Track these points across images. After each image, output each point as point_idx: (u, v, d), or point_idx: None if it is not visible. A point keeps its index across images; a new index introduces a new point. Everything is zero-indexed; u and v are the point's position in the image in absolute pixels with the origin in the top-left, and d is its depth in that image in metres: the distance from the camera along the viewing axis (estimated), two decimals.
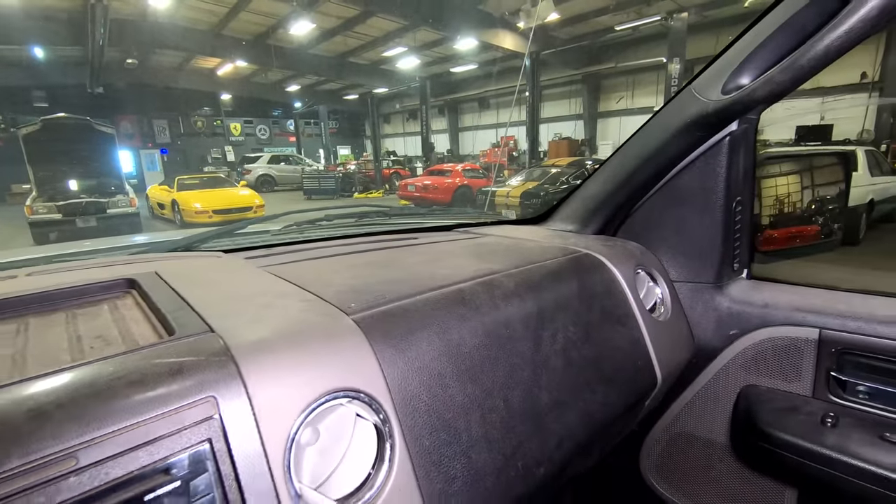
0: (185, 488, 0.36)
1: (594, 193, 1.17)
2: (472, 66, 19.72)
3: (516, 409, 0.64)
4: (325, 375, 0.48)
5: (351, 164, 21.61)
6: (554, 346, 0.73)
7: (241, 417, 0.40)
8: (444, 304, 0.65)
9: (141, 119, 22.86)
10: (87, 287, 0.65)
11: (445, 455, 0.54)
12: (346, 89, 25.07)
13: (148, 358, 0.42)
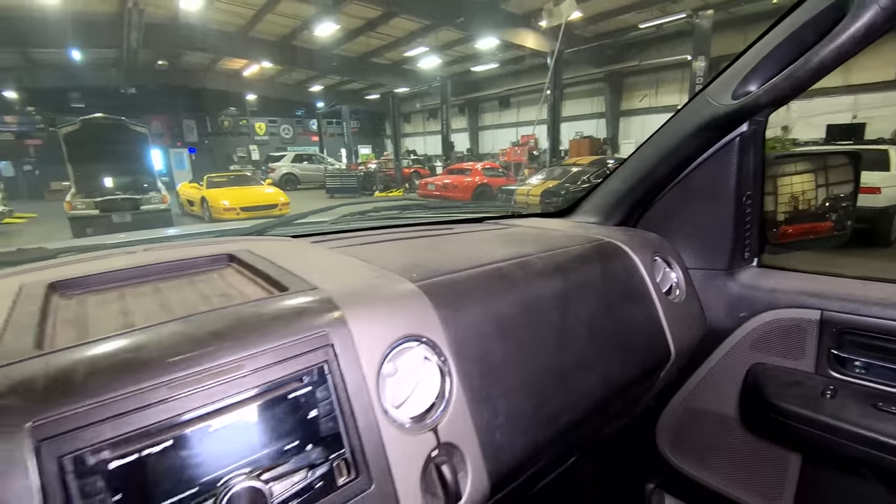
0: (313, 394, 0.50)
1: (615, 189, 1.28)
2: (493, 66, 19.79)
3: (545, 367, 0.76)
4: (400, 324, 0.61)
5: (372, 163, 21.92)
6: (578, 318, 0.84)
7: (346, 349, 0.54)
8: (485, 279, 0.78)
9: (171, 119, 23.64)
10: (195, 260, 0.80)
11: (490, 395, 0.67)
12: (368, 89, 25.44)
13: (276, 302, 0.56)
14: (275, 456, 0.46)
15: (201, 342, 0.47)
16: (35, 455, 0.36)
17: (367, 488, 0.50)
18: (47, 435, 0.37)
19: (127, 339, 0.46)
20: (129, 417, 0.40)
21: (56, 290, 0.65)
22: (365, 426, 0.52)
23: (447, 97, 18.23)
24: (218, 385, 0.45)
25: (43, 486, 0.36)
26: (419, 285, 0.69)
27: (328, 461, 0.49)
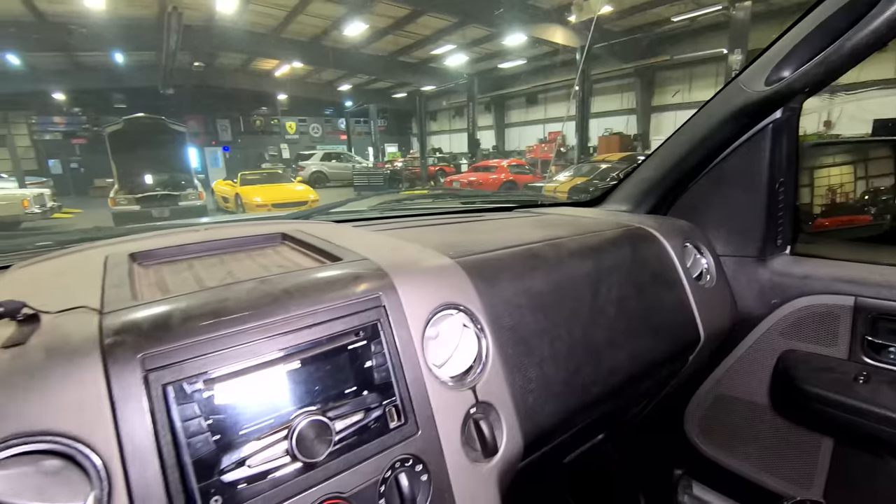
0: (368, 347, 0.56)
1: (646, 177, 1.30)
2: (520, 62, 19.65)
3: (577, 340, 0.80)
4: (441, 293, 0.66)
5: (398, 161, 22.13)
6: (608, 297, 0.88)
7: (396, 310, 0.60)
8: (518, 258, 0.82)
9: (206, 118, 24.47)
10: (252, 238, 0.87)
11: (524, 363, 0.72)
12: (395, 88, 25.66)
13: (334, 269, 0.62)
14: (337, 397, 0.52)
15: (275, 297, 0.54)
16: (144, 382, 0.43)
17: (415, 433, 0.56)
18: (153, 366, 0.44)
19: (212, 293, 0.53)
20: (218, 356, 0.47)
21: (136, 259, 0.73)
22: (412, 379, 0.58)
23: (474, 94, 18.23)
24: (289, 333, 0.51)
25: (151, 409, 0.43)
26: (457, 261, 0.74)
27: (381, 406, 0.54)
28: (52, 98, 20.65)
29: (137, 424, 0.42)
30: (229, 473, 0.44)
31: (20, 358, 0.42)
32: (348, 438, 0.51)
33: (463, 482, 0.58)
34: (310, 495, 0.48)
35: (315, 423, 0.48)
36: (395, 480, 0.53)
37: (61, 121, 20.90)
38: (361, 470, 0.51)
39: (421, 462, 0.55)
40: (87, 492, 0.40)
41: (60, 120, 20.90)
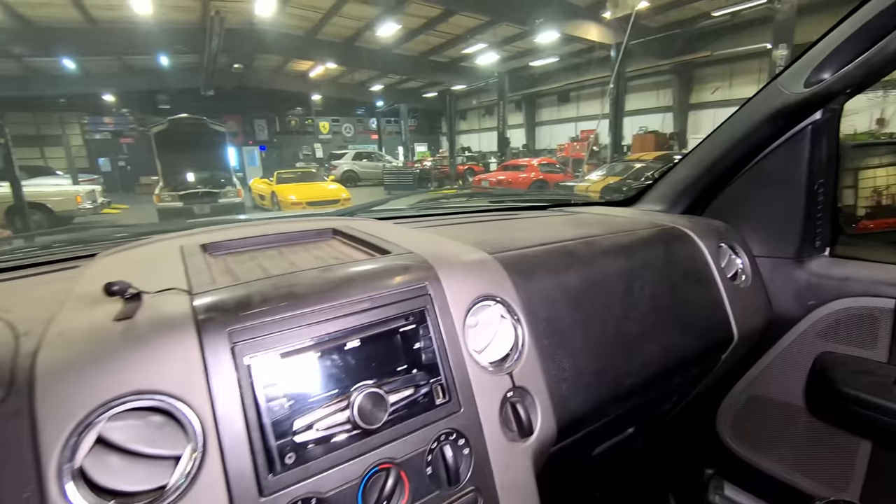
0: (417, 330, 0.62)
1: (682, 177, 1.31)
2: (552, 60, 19.43)
3: (610, 334, 0.84)
4: (480, 285, 0.72)
5: (427, 160, 22.29)
6: (641, 294, 0.91)
7: (440, 298, 0.65)
8: (553, 254, 0.87)
9: (244, 119, 25.32)
10: (305, 233, 0.95)
11: (558, 353, 0.76)
12: (426, 87, 25.85)
13: (385, 261, 0.68)
14: (390, 374, 0.58)
15: (336, 284, 0.60)
16: (231, 353, 0.50)
17: (457, 410, 0.61)
18: (238, 340, 0.51)
19: (282, 279, 0.60)
20: (290, 333, 0.54)
21: (206, 249, 0.82)
22: (455, 362, 0.63)
23: (504, 93, 18.14)
24: (349, 315, 0.57)
25: (238, 376, 0.50)
26: (495, 256, 0.79)
27: (429, 384, 0.60)
28: (102, 100, 21.83)
29: (226, 389, 0.49)
30: (300, 435, 0.51)
31: (130, 330, 0.50)
32: (400, 411, 0.57)
33: (500, 458, 0.63)
34: (366, 459, 0.54)
35: (372, 395, 0.54)
36: (440, 451, 0.58)
37: (110, 121, 22.04)
38: (411, 440, 0.57)
39: (463, 437, 0.61)
40: (185, 444, 0.47)
41: (110, 120, 22.04)
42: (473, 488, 0.60)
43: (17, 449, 0.42)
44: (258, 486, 0.48)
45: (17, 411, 0.43)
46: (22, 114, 20.66)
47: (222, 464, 0.47)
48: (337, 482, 0.52)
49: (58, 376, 0.45)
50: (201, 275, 0.64)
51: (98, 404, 0.45)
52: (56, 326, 0.51)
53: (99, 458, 0.45)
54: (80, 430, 0.44)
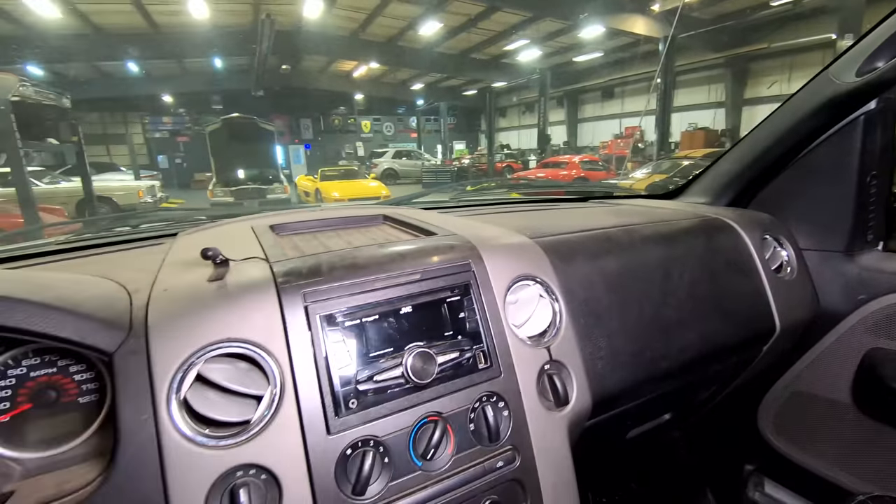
0: (462, 302, 0.68)
1: (726, 170, 1.30)
2: (596, 55, 18.99)
3: (647, 317, 0.87)
4: (520, 266, 0.77)
5: (465, 158, 22.32)
6: (680, 281, 0.93)
7: (483, 274, 0.71)
8: (593, 240, 0.90)
9: (290, 118, 26.26)
10: (358, 217, 1.03)
11: (594, 333, 0.80)
12: (466, 85, 25.88)
13: (433, 241, 0.75)
14: (438, 338, 0.65)
15: (391, 258, 0.67)
16: (305, 312, 0.58)
17: (498, 376, 0.67)
18: (311, 301, 0.59)
19: (345, 252, 0.68)
20: (353, 297, 0.61)
21: (274, 229, 0.91)
22: (496, 332, 0.69)
23: (546, 89, 17.89)
24: (403, 285, 0.64)
25: (310, 332, 0.58)
26: (535, 240, 0.84)
27: (472, 349, 0.66)
28: (162, 100, 23.24)
29: (301, 341, 0.57)
30: (361, 385, 0.58)
31: (222, 289, 0.59)
32: (446, 371, 0.63)
33: (538, 423, 0.68)
34: (417, 410, 0.61)
35: (423, 354, 0.61)
36: (482, 411, 0.64)
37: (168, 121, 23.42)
38: (456, 397, 0.63)
39: (503, 400, 0.66)
40: (266, 386, 0.56)
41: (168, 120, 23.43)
42: (512, 447, 0.66)
43: (137, 380, 0.51)
44: (326, 426, 0.55)
45: (135, 350, 0.53)
46: (92, 114, 22.33)
47: (297, 404, 0.55)
48: (391, 428, 0.59)
49: (166, 324, 0.54)
50: (275, 248, 0.72)
51: (198, 347, 0.54)
52: (160, 285, 0.61)
53: (199, 392, 0.53)
54: (184, 368, 0.53)
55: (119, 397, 0.50)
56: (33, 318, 0.47)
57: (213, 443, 0.52)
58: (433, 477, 0.60)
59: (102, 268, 0.74)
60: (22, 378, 0.58)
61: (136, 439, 0.50)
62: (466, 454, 0.63)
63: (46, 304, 0.49)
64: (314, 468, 0.54)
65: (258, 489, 0.52)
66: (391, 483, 0.58)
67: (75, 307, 0.51)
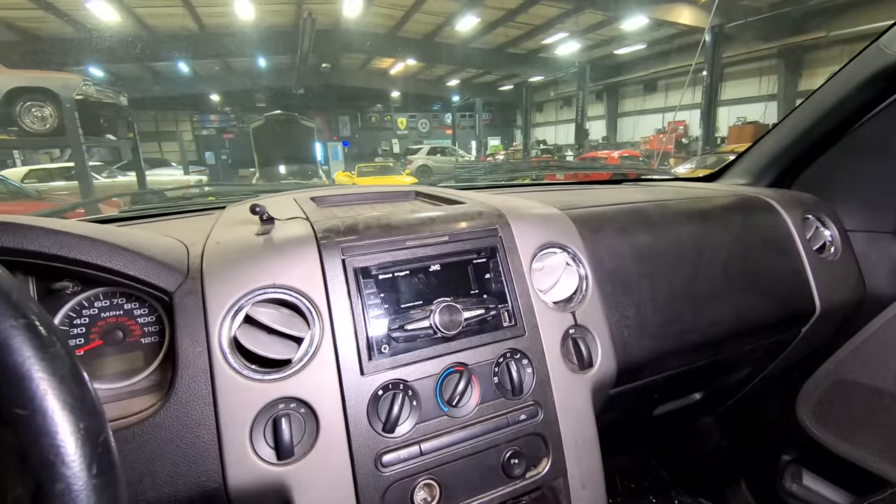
0: (488, 263, 0.71)
1: (768, 150, 1.26)
2: (639, 47, 18.39)
3: (676, 290, 0.87)
4: (548, 233, 0.79)
5: (500, 154, 22.18)
6: (714, 256, 0.92)
7: (509, 240, 0.74)
8: (623, 213, 0.91)
9: (329, 116, 26.90)
10: (392, 192, 1.07)
11: (621, 301, 0.81)
12: (502, 80, 25.68)
13: (462, 208, 0.78)
14: (465, 294, 0.68)
15: (423, 221, 0.71)
16: (342, 265, 0.63)
17: (522, 334, 0.69)
18: (348, 255, 0.63)
19: (380, 215, 0.73)
20: (387, 253, 0.65)
21: (314, 200, 0.97)
22: (521, 293, 0.71)
23: (585, 83, 17.53)
24: (433, 245, 0.68)
25: (346, 282, 0.62)
26: (564, 212, 0.85)
27: (497, 308, 0.69)
28: (209, 99, 24.32)
29: (338, 290, 0.62)
30: (393, 333, 0.62)
31: (269, 241, 0.64)
32: (472, 325, 0.66)
33: (561, 383, 0.70)
34: (444, 359, 0.64)
35: (450, 307, 0.64)
36: (506, 366, 0.67)
37: (215, 118, 24.47)
38: (481, 351, 0.66)
39: (526, 357, 0.69)
40: (307, 330, 0.60)
41: (215, 118, 24.49)
42: (534, 402, 0.68)
43: (194, 318, 0.57)
44: (360, 367, 0.60)
45: (192, 290, 0.58)
46: (146, 112, 23.65)
47: (334, 347, 0.60)
48: (420, 374, 0.62)
49: (218, 270, 0.60)
50: (315, 212, 0.78)
51: (247, 291, 0.59)
52: (213, 239, 0.67)
53: (248, 332, 0.59)
54: (235, 308, 0.58)
55: (178, 331, 0.56)
56: (108, 256, 0.54)
57: (259, 377, 0.57)
58: (458, 423, 0.63)
59: (160, 230, 0.81)
60: (94, 318, 0.65)
61: (192, 369, 0.56)
62: (490, 404, 0.66)
63: (120, 245, 0.56)
64: (348, 405, 0.58)
65: (298, 420, 0.57)
66: (419, 424, 0.61)
67: (143, 251, 0.58)
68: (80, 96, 6.44)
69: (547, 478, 0.68)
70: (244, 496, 0.56)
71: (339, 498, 0.58)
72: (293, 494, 0.57)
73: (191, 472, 0.54)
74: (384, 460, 0.59)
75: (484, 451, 0.64)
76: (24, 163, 11.52)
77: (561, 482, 0.69)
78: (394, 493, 0.60)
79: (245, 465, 0.55)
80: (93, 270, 0.54)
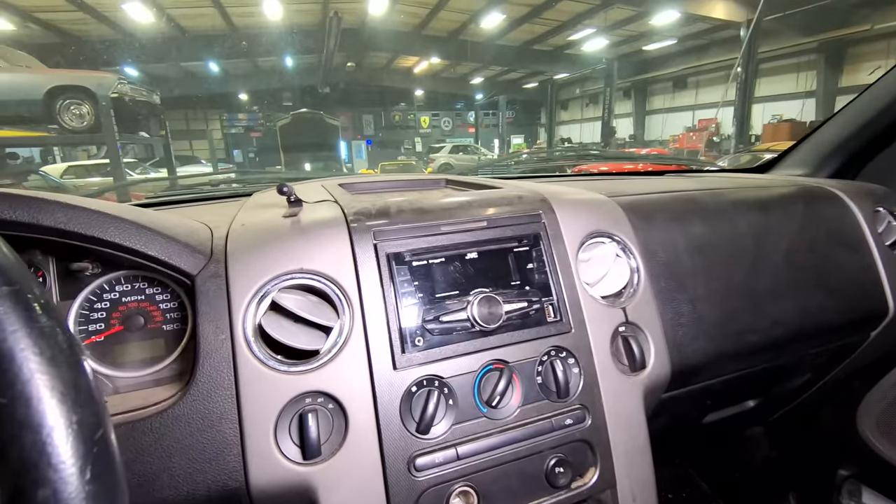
0: (530, 252, 0.65)
1: (828, 139, 1.16)
2: (669, 43, 17.89)
3: (735, 285, 0.79)
4: (596, 221, 0.72)
5: (523, 152, 21.94)
6: (775, 248, 0.84)
7: (553, 228, 0.67)
8: (675, 201, 0.83)
9: (353, 114, 27.14)
10: (421, 181, 1.02)
11: (676, 298, 0.74)
12: (527, 78, 25.41)
13: (500, 192, 0.72)
14: (505, 285, 0.62)
15: (460, 205, 0.66)
16: (374, 249, 0.58)
17: (568, 331, 0.63)
18: (380, 239, 0.58)
19: (414, 198, 0.67)
20: (421, 239, 0.60)
21: (343, 186, 0.93)
22: (567, 286, 0.65)
23: (612, 80, 17.15)
24: (469, 231, 0.62)
25: (378, 268, 0.57)
26: (613, 199, 0.79)
27: (541, 301, 0.63)
28: (238, 98, 24.85)
29: (370, 276, 0.57)
30: (427, 324, 0.57)
31: (296, 223, 0.60)
32: (513, 319, 0.61)
33: (610, 385, 0.64)
34: (482, 355, 0.58)
35: (490, 299, 0.58)
36: (550, 364, 0.61)
37: (243, 117, 24.97)
38: (523, 348, 0.60)
39: (573, 356, 0.62)
40: (336, 319, 0.56)
41: (243, 116, 25.00)
42: (581, 405, 0.62)
43: (217, 302, 0.53)
44: (392, 361, 0.55)
45: (215, 274, 0.54)
46: (177, 111, 24.35)
47: (364, 338, 0.55)
48: (456, 370, 0.57)
49: (243, 253, 0.56)
50: (345, 196, 0.73)
51: (273, 276, 0.55)
52: (238, 221, 0.63)
53: (273, 319, 0.55)
54: (260, 294, 0.54)
55: (200, 317, 0.52)
56: (127, 235, 0.50)
57: (285, 368, 0.53)
58: (498, 425, 0.58)
59: (185, 215, 0.78)
60: (115, 302, 0.62)
61: (214, 358, 0.52)
62: (533, 406, 0.60)
63: (139, 223, 0.52)
64: (380, 401, 0.53)
65: (326, 417, 0.53)
66: (455, 425, 0.56)
67: (164, 230, 0.54)
68: (116, 94, 6.65)
69: (594, 489, 0.61)
70: (266, 497, 0.52)
71: (368, 503, 0.53)
72: (319, 496, 0.52)
73: (211, 469, 0.50)
74: (418, 464, 0.54)
75: (526, 457, 0.59)
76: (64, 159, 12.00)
77: (609, 494, 0.62)
78: (428, 500, 0.55)
79: (269, 463, 0.51)
80: (111, 249, 0.50)
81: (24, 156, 11.47)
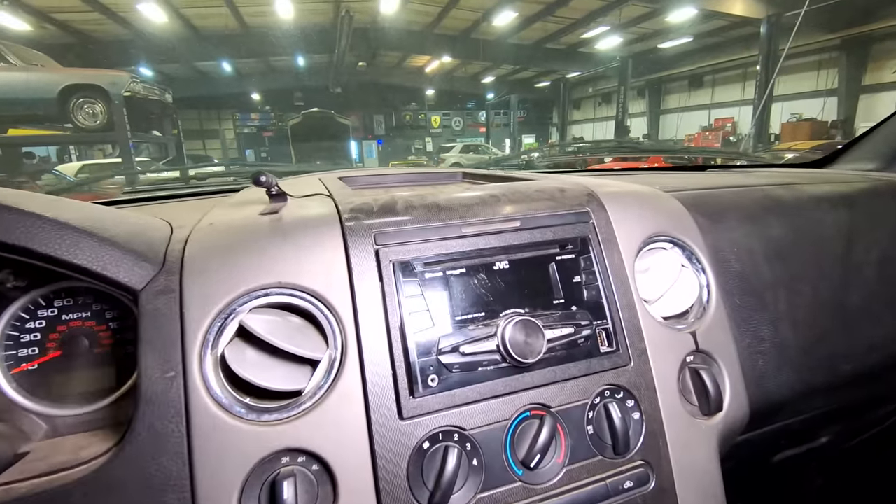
0: (577, 260, 0.51)
1: None
2: (685, 40, 17.52)
3: (823, 301, 0.64)
4: (655, 222, 0.58)
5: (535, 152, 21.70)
6: (867, 257, 0.68)
7: (605, 230, 0.53)
8: (747, 196, 0.69)
9: (364, 114, 27.11)
10: (436, 174, 0.89)
11: (754, 318, 0.59)
12: (539, 77, 25.15)
13: (535, 183, 0.58)
14: (546, 306, 0.48)
15: (483, 199, 0.52)
16: (375, 256, 0.44)
17: (626, 364, 0.49)
18: (383, 243, 0.45)
19: (426, 192, 0.54)
20: (435, 243, 0.46)
21: (343, 180, 0.79)
22: (624, 305, 0.51)
23: (626, 78, 16.85)
24: (498, 233, 0.48)
25: (381, 281, 0.44)
26: (672, 194, 0.64)
27: (591, 326, 0.49)
28: (250, 98, 24.98)
29: (370, 294, 0.43)
30: (444, 356, 0.43)
31: (276, 223, 0.46)
32: (557, 351, 0.47)
33: (679, 433, 0.50)
34: (517, 398, 0.44)
35: (525, 324, 0.44)
36: (604, 409, 0.47)
37: (256, 117, 25.12)
38: (569, 388, 0.46)
39: (633, 398, 0.48)
40: (324, 349, 0.42)
41: (255, 116, 25.14)
42: (644, 462, 0.47)
43: (167, 327, 0.40)
44: (398, 407, 0.41)
45: (166, 288, 0.41)
46: (190, 111, 24.54)
47: (361, 375, 0.41)
48: (483, 419, 0.43)
49: (205, 260, 0.43)
50: (342, 190, 0.60)
51: (242, 292, 0.41)
52: (207, 220, 0.50)
53: (240, 349, 0.41)
54: (224, 315, 0.41)
55: (143, 346, 0.39)
56: (39, 236, 0.37)
57: (255, 416, 0.40)
58: (537, 492, 0.44)
59: (158, 211, 0.66)
60: (53, 321, 0.49)
61: (159, 402, 0.39)
62: (583, 466, 0.46)
63: (62, 222, 0.39)
64: (380, 462, 0.40)
65: (307, 482, 0.39)
66: (481, 494, 0.42)
67: (99, 231, 0.41)
68: (129, 93, 6.65)
69: None
70: None
71: None
72: None
73: None
74: None
75: None
76: (79, 158, 12.09)
77: None
78: None
79: None
80: (20, 256, 0.37)
81: (41, 155, 11.59)
